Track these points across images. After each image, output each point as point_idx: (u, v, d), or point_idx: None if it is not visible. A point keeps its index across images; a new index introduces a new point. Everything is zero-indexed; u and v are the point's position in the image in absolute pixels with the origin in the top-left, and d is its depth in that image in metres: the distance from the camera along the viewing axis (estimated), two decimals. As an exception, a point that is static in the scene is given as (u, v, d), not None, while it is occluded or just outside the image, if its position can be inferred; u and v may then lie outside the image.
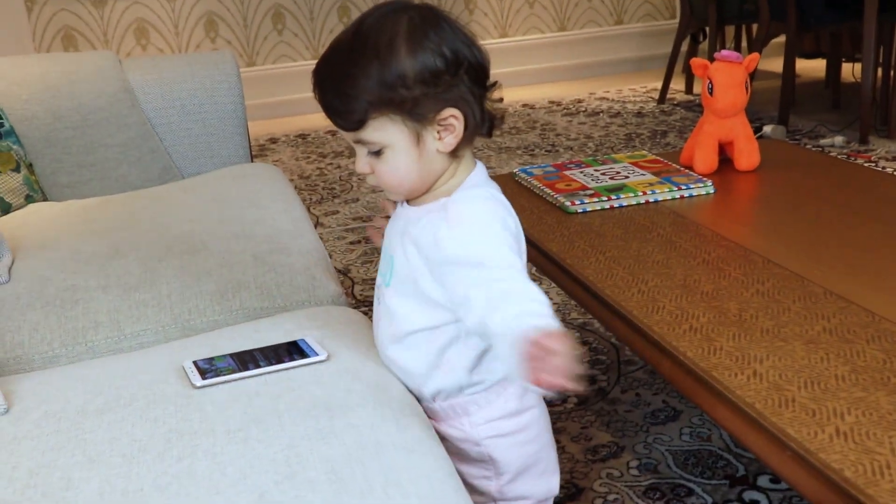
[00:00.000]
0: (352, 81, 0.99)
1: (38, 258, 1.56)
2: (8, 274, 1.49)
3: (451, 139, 1.02)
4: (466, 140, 1.03)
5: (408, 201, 1.10)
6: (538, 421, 1.14)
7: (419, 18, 1.00)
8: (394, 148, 1.02)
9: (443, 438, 1.11)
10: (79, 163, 2.10)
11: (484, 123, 1.04)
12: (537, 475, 1.15)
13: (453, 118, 1.01)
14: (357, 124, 1.01)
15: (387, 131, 1.01)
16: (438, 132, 1.02)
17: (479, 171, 1.08)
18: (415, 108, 0.99)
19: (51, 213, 1.86)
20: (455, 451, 1.11)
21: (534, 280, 0.98)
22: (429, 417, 1.11)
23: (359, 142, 1.03)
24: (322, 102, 1.03)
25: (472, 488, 1.12)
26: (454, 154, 1.04)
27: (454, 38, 1.00)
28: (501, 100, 1.07)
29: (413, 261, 1.05)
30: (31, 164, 2.04)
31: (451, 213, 1.02)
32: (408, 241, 1.06)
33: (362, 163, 1.05)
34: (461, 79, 1.00)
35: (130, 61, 2.28)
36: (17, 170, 1.96)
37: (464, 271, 0.98)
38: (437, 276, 1.03)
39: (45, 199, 2.04)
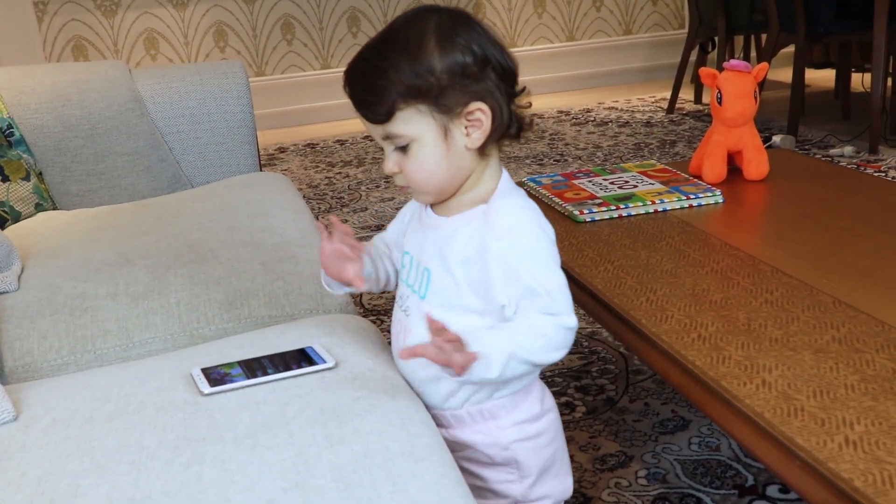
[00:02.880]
0: (381, 74, 1.00)
1: (48, 266, 1.56)
2: (17, 282, 1.50)
3: (478, 135, 1.02)
4: (494, 138, 1.04)
5: (434, 209, 1.10)
6: (555, 423, 1.17)
7: (449, 18, 1.02)
8: (421, 142, 1.02)
9: (466, 446, 1.12)
10: (88, 171, 2.11)
11: (512, 124, 1.05)
12: (554, 476, 1.17)
13: (480, 112, 1.01)
14: (385, 116, 1.01)
15: (414, 123, 1.01)
16: (466, 127, 1.02)
17: (507, 179, 1.09)
18: (441, 97, 1.00)
19: (60, 222, 1.87)
20: (479, 457, 1.12)
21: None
22: (453, 425, 1.12)
23: (387, 138, 1.04)
24: (351, 96, 1.04)
25: (494, 493, 1.14)
26: (482, 153, 1.04)
27: (483, 39, 1.02)
28: (530, 105, 1.08)
29: (457, 275, 1.05)
30: (40, 173, 2.05)
31: (495, 222, 1.04)
32: (447, 254, 1.06)
33: (391, 162, 1.05)
34: (488, 75, 1.01)
35: (140, 71, 2.29)
36: (27, 178, 1.97)
37: (512, 286, 1.02)
38: (478, 284, 1.04)
39: (55, 208, 2.05)
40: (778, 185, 1.79)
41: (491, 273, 1.03)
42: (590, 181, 1.83)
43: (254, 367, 1.12)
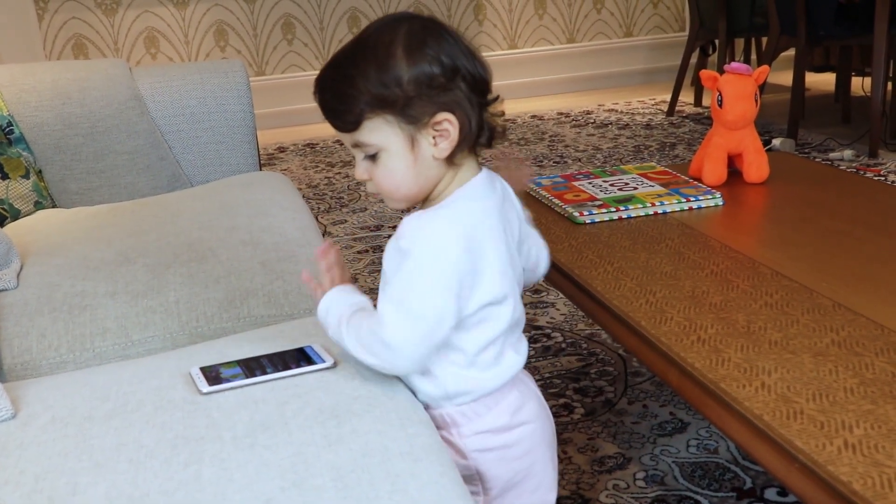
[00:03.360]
0: (349, 81, 1.01)
1: (47, 264, 1.56)
2: (16, 280, 1.50)
3: (445, 145, 1.02)
4: (462, 147, 1.03)
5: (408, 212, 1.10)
6: (531, 437, 1.13)
7: (420, 27, 1.02)
8: (389, 151, 1.03)
9: None
10: (88, 170, 2.11)
11: (482, 133, 1.04)
12: (529, 491, 1.14)
13: (448, 122, 1.01)
14: (352, 125, 1.02)
15: (382, 132, 1.02)
16: (433, 137, 1.02)
17: (474, 184, 1.06)
18: (407, 108, 1.00)
19: (60, 220, 1.87)
20: None
21: (540, 290, 0.99)
22: None
23: (356, 146, 1.05)
24: (321, 103, 1.05)
25: None
26: (451, 161, 1.04)
27: (454, 49, 1.02)
28: (503, 113, 1.07)
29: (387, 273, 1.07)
30: (40, 171, 2.05)
31: (402, 224, 1.03)
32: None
33: (360, 169, 1.06)
34: (457, 85, 1.01)
35: (140, 69, 2.29)
36: (26, 176, 1.97)
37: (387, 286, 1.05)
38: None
39: (55, 206, 2.04)
40: (778, 188, 1.79)
41: (385, 270, 1.06)
42: (590, 183, 1.83)
43: (253, 367, 1.12)
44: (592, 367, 2.00)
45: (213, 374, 1.10)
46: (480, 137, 1.05)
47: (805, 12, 3.67)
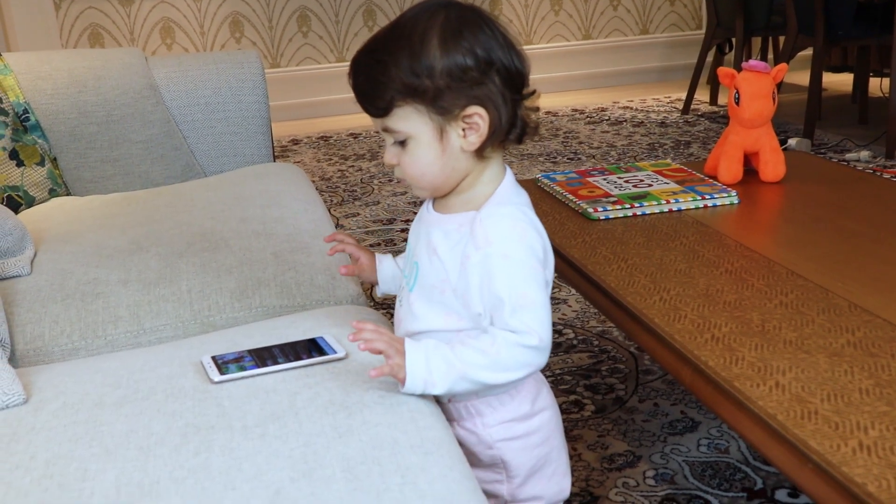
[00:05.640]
0: (382, 68, 1.00)
1: (60, 252, 1.56)
2: (30, 266, 1.50)
3: (475, 138, 1.02)
4: (492, 142, 1.03)
5: (434, 204, 1.10)
6: (549, 423, 1.15)
7: (457, 16, 1.01)
8: (417, 139, 1.02)
9: None
10: (102, 158, 2.11)
11: (514, 128, 1.04)
12: (547, 477, 1.15)
13: (478, 116, 1.01)
14: (383, 111, 1.02)
15: (411, 121, 1.01)
16: (463, 129, 1.02)
17: (508, 182, 1.08)
18: (438, 99, 1.00)
19: (73, 208, 1.87)
20: (466, 456, 1.11)
21: (553, 287, 0.99)
22: None
23: (386, 130, 1.04)
24: (354, 86, 1.04)
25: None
26: (480, 155, 1.04)
27: (491, 40, 1.01)
28: (538, 109, 1.07)
29: (438, 272, 1.06)
30: (55, 159, 2.06)
31: (479, 233, 1.02)
32: (433, 252, 1.06)
33: (390, 153, 1.06)
34: (491, 79, 1.00)
35: (156, 59, 2.29)
36: (41, 164, 1.98)
37: (486, 295, 1.02)
38: (459, 288, 1.04)
39: (69, 194, 2.05)
40: (794, 187, 1.77)
41: (469, 282, 1.03)
42: (604, 179, 1.83)
43: (264, 356, 1.12)
44: (604, 364, 2.00)
45: (224, 364, 1.10)
46: (511, 133, 1.04)
47: (823, 11, 3.64)
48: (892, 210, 1.63)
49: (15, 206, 1.88)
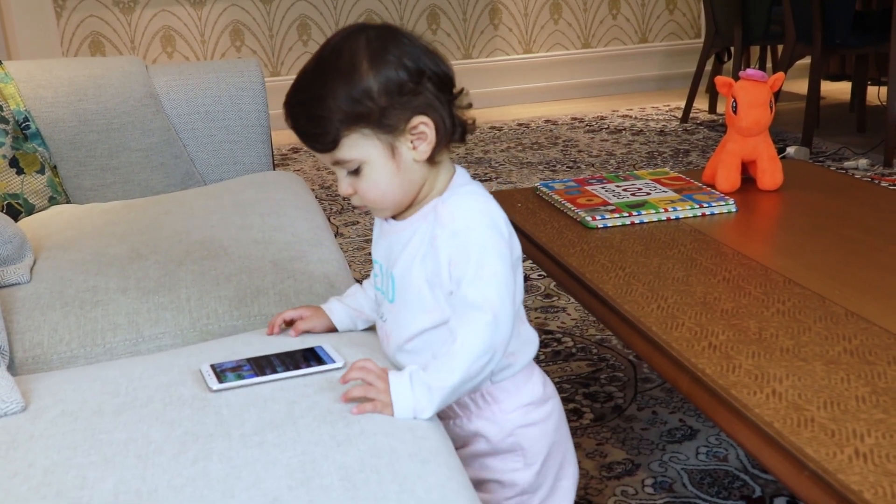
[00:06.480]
0: (320, 103, 1.01)
1: (60, 259, 1.57)
2: (29, 274, 1.50)
3: (424, 147, 1.04)
4: (440, 146, 1.05)
5: (395, 217, 1.12)
6: (559, 409, 1.18)
7: (376, 36, 1.03)
8: (371, 163, 1.04)
9: (472, 435, 1.13)
10: (102, 166, 2.12)
11: (455, 129, 1.06)
12: (558, 465, 1.18)
13: (424, 125, 1.03)
14: (331, 144, 1.03)
15: (361, 147, 1.03)
16: (412, 141, 1.04)
17: (462, 173, 1.10)
18: (383, 119, 1.01)
19: (73, 216, 1.88)
20: (484, 446, 1.13)
21: (552, 295, 0.99)
22: (459, 414, 1.13)
23: (337, 163, 1.05)
24: (295, 129, 1.05)
25: (500, 484, 1.14)
26: (431, 161, 1.06)
27: (414, 50, 1.03)
28: (470, 105, 1.08)
29: (416, 273, 1.07)
30: (55, 167, 2.06)
31: (443, 213, 1.05)
32: (406, 257, 1.08)
33: (344, 185, 1.07)
34: (425, 87, 1.02)
35: (156, 67, 2.30)
36: (41, 171, 1.98)
37: (453, 269, 1.03)
38: (434, 277, 1.06)
39: (69, 202, 2.05)
40: (792, 195, 1.78)
41: (439, 261, 1.05)
42: (602, 187, 1.83)
43: (262, 365, 1.12)
44: (602, 372, 2.00)
45: (222, 372, 1.10)
46: (455, 133, 1.06)
47: (821, 20, 3.65)
48: (890, 218, 1.63)
49: (15, 214, 1.88)
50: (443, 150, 1.06)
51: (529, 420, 1.13)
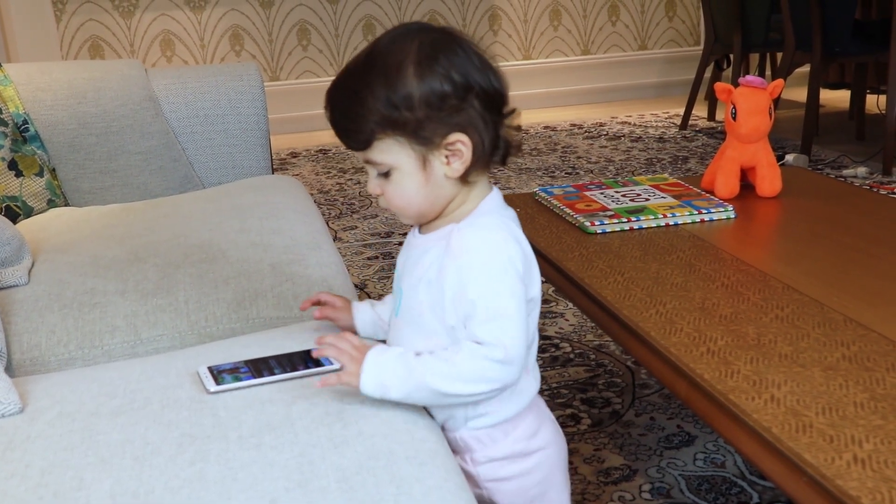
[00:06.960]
0: (360, 101, 0.99)
1: (58, 262, 1.56)
2: (27, 276, 1.50)
3: (458, 165, 1.01)
4: (477, 166, 1.02)
5: (420, 228, 1.09)
6: (548, 461, 1.11)
7: (430, 43, 0.99)
8: (401, 170, 1.01)
9: None
10: (101, 169, 2.12)
11: (497, 150, 1.02)
12: None
13: (461, 143, 0.99)
14: (363, 144, 1.01)
15: (393, 153, 1.00)
16: (446, 157, 1.00)
17: (493, 197, 1.06)
18: (419, 130, 0.98)
19: (71, 218, 1.88)
20: None
21: (550, 300, 0.99)
22: None
23: (368, 162, 1.03)
24: (331, 121, 1.03)
25: None
26: (465, 180, 1.03)
27: (466, 64, 0.99)
28: (519, 128, 1.05)
29: (421, 296, 1.04)
30: (54, 169, 2.06)
31: (454, 243, 1.01)
32: (415, 275, 1.06)
33: (373, 184, 1.05)
34: (470, 104, 0.99)
35: (156, 71, 2.30)
36: (40, 174, 1.98)
37: (459, 304, 1.00)
38: (437, 305, 1.02)
39: (67, 205, 2.05)
40: (791, 202, 1.78)
41: (444, 293, 1.01)
42: (601, 193, 1.83)
43: (260, 367, 1.12)
44: (600, 377, 2.00)
45: (220, 374, 1.10)
46: (495, 154, 1.03)
47: (821, 28, 3.66)
48: (888, 226, 1.63)
49: (13, 217, 1.88)
50: (480, 170, 1.03)
51: (502, 475, 1.07)
